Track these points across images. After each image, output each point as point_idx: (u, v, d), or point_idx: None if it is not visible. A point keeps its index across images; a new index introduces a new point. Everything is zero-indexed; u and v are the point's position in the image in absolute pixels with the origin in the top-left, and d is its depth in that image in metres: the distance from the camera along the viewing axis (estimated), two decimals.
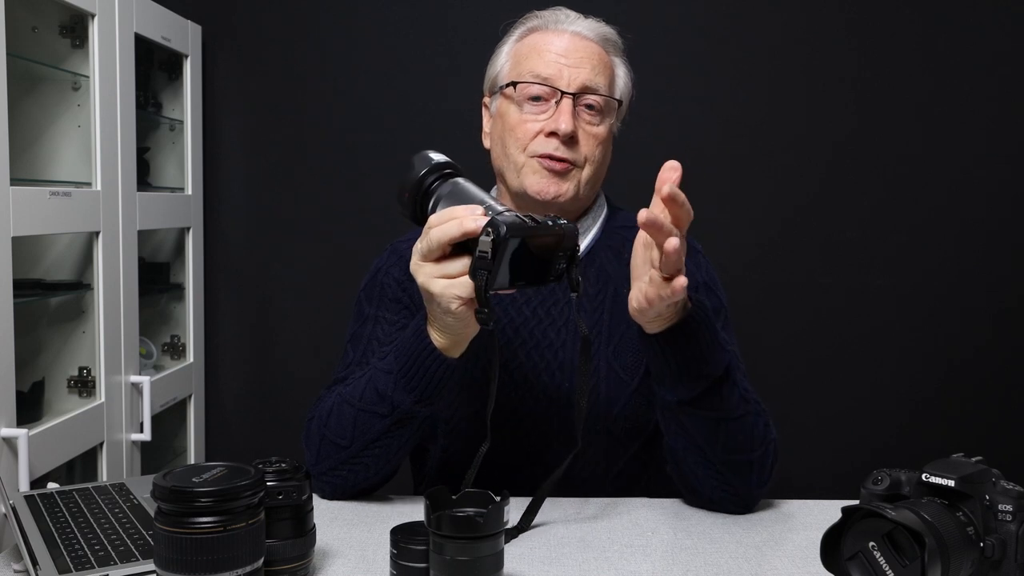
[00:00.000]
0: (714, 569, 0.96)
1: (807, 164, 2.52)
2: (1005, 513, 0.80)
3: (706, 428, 1.09)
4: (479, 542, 0.82)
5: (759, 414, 1.12)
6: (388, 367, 1.09)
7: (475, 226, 0.94)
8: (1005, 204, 2.51)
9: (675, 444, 1.13)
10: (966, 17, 2.47)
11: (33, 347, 1.93)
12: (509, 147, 1.23)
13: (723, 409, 1.08)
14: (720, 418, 1.08)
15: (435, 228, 0.97)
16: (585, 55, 1.22)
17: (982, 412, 2.54)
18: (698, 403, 1.07)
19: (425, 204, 1.04)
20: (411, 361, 1.07)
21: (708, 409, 1.08)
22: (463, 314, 0.99)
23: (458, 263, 0.97)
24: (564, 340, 1.24)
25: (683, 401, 1.07)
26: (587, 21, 1.26)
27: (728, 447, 1.09)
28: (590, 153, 1.22)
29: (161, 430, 2.39)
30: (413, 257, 1.01)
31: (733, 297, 1.37)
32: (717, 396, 1.07)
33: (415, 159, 1.06)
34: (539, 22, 1.26)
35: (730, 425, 1.09)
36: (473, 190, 1.03)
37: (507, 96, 1.24)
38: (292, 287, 2.61)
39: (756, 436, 1.11)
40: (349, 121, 2.55)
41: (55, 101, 1.98)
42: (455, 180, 1.04)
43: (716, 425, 1.08)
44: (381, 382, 1.09)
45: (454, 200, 1.01)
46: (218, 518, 0.78)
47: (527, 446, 1.24)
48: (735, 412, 1.09)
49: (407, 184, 1.05)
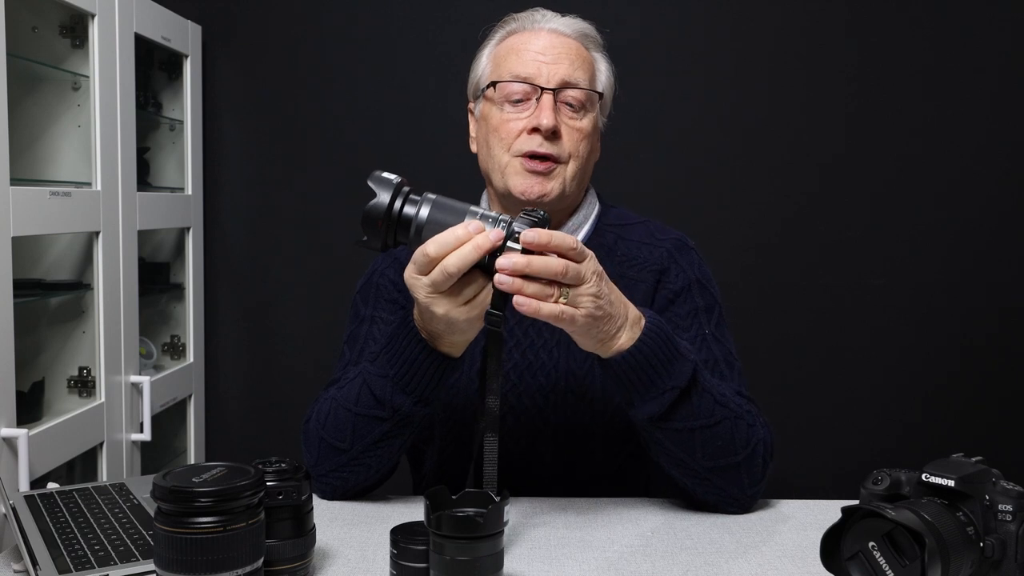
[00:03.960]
0: (714, 569, 0.96)
1: (807, 164, 2.52)
2: (1005, 513, 0.80)
3: (682, 440, 1.07)
4: (479, 542, 0.82)
5: (739, 416, 1.10)
6: (383, 371, 1.08)
7: (492, 241, 0.92)
8: (1005, 204, 2.51)
9: (658, 459, 1.13)
10: (966, 17, 2.47)
11: (33, 347, 1.93)
12: (493, 148, 1.23)
13: (696, 418, 1.07)
14: (694, 427, 1.07)
15: (450, 257, 0.92)
16: (563, 51, 1.22)
17: (982, 412, 2.54)
18: (669, 417, 1.06)
19: (401, 230, 0.96)
20: (408, 365, 1.05)
21: (680, 420, 1.06)
22: (479, 325, 0.99)
23: (474, 285, 0.95)
24: (559, 339, 1.24)
25: (653, 417, 1.06)
26: (564, 18, 1.26)
27: (709, 454, 1.08)
28: (574, 148, 1.22)
29: (161, 430, 2.39)
30: (419, 292, 0.96)
31: (733, 298, 1.37)
32: (687, 406, 1.06)
33: (375, 184, 0.96)
34: (516, 24, 1.27)
35: (707, 432, 1.07)
36: (453, 203, 0.96)
37: (489, 98, 1.24)
38: (292, 287, 2.61)
39: (738, 439, 1.10)
40: (349, 121, 2.55)
41: (55, 101, 1.98)
42: (428, 198, 0.96)
43: (692, 435, 1.07)
44: (378, 387, 1.08)
45: (440, 218, 0.95)
46: (218, 518, 0.78)
47: (525, 445, 1.24)
48: (710, 419, 1.07)
49: (378, 212, 0.95)
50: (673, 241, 1.30)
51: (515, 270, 0.91)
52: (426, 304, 0.97)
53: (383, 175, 0.97)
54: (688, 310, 1.24)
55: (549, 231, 0.93)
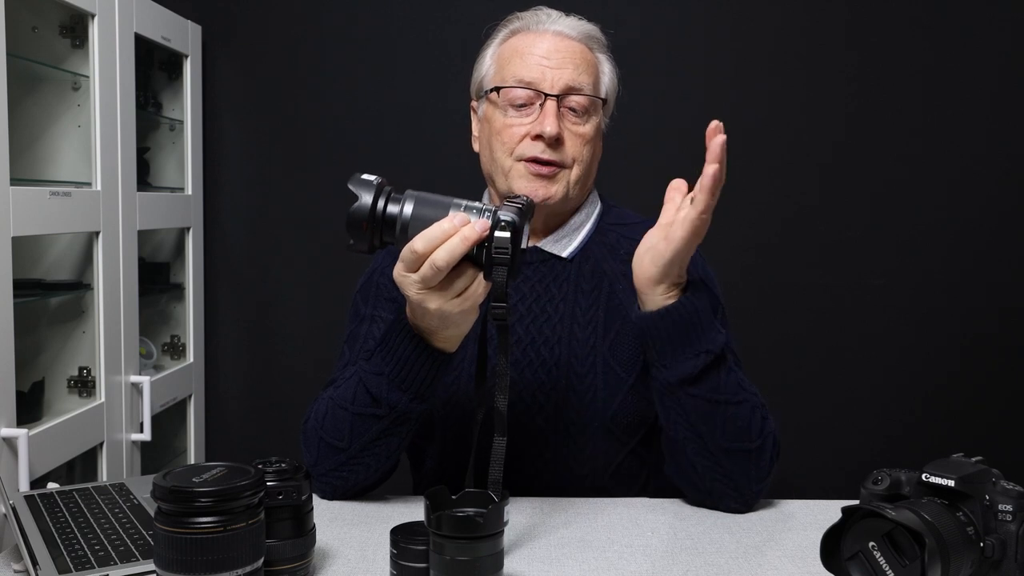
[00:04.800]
0: (714, 569, 0.96)
1: (807, 164, 2.52)
2: (1005, 513, 0.80)
3: (706, 412, 1.09)
4: (479, 542, 0.82)
5: (756, 406, 1.13)
6: (378, 369, 1.08)
7: (479, 232, 0.92)
8: (1005, 204, 2.51)
9: (675, 433, 1.13)
10: (966, 17, 2.47)
11: (33, 347, 1.93)
12: (496, 151, 1.23)
13: (722, 391, 1.09)
14: (719, 400, 1.09)
15: (438, 251, 0.92)
16: (568, 55, 1.22)
17: (982, 412, 2.54)
18: (699, 381, 1.08)
19: (387, 229, 0.95)
20: (404, 363, 1.05)
21: (708, 389, 1.09)
22: (473, 318, 0.99)
23: (465, 277, 0.96)
24: (560, 336, 1.24)
25: (684, 379, 1.08)
26: (569, 19, 1.25)
27: (727, 434, 1.10)
28: (577, 154, 1.22)
29: (161, 430, 2.39)
30: (409, 289, 0.97)
31: (733, 297, 1.37)
32: (716, 376, 1.09)
33: (356, 186, 0.95)
34: (520, 24, 1.26)
35: (729, 410, 1.09)
36: (435, 197, 0.96)
37: (492, 101, 1.24)
38: (292, 287, 2.61)
39: (754, 425, 1.11)
40: (349, 121, 2.55)
41: (55, 101, 1.98)
42: (410, 194, 0.96)
43: (715, 408, 1.09)
44: (373, 385, 1.08)
45: (425, 214, 0.94)
46: (218, 518, 0.78)
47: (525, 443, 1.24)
48: (734, 396, 1.10)
49: (361, 214, 0.94)
50: None
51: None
52: (418, 301, 0.97)
53: (363, 177, 0.96)
54: None
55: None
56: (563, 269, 1.27)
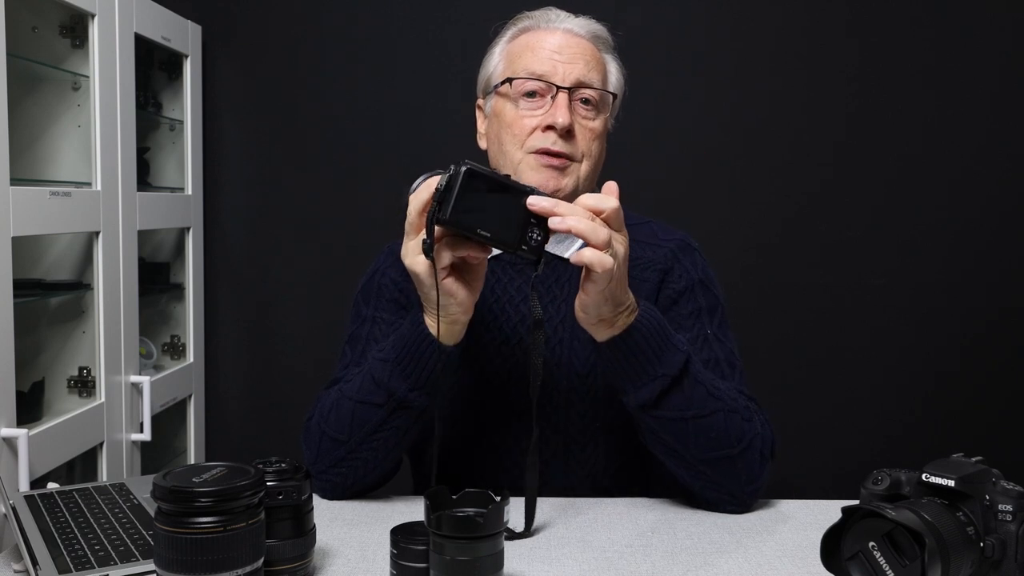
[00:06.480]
0: (714, 569, 0.96)
1: (807, 164, 2.52)
2: (1005, 513, 0.80)
3: (675, 429, 1.09)
4: (479, 542, 0.82)
5: (733, 410, 1.11)
6: (385, 356, 1.11)
7: (437, 181, 0.95)
8: (1005, 204, 2.51)
9: (653, 450, 1.14)
10: (966, 17, 2.47)
11: (33, 347, 1.93)
12: (506, 144, 1.23)
13: (688, 407, 1.08)
14: (687, 417, 1.08)
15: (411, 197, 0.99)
16: (578, 51, 1.22)
17: (982, 412, 2.54)
18: (659, 405, 1.07)
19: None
20: (407, 349, 1.08)
21: (672, 409, 1.08)
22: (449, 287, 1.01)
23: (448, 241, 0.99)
24: (561, 337, 1.24)
25: (644, 405, 1.08)
26: (578, 19, 1.26)
27: (702, 445, 1.09)
28: (587, 148, 1.22)
29: (161, 430, 2.39)
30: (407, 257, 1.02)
31: (733, 297, 1.37)
32: (679, 395, 1.07)
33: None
34: (530, 22, 1.27)
35: (700, 423, 1.08)
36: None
37: (502, 94, 1.24)
38: (292, 287, 2.61)
39: (732, 432, 1.10)
40: (349, 121, 2.55)
41: (55, 101, 1.98)
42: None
43: (684, 425, 1.08)
44: (378, 370, 1.11)
45: None
46: (218, 518, 0.78)
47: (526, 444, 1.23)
48: (703, 409, 1.08)
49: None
50: (677, 242, 1.30)
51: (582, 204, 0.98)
52: (410, 267, 1.01)
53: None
54: (691, 310, 1.24)
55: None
56: (565, 270, 1.27)
